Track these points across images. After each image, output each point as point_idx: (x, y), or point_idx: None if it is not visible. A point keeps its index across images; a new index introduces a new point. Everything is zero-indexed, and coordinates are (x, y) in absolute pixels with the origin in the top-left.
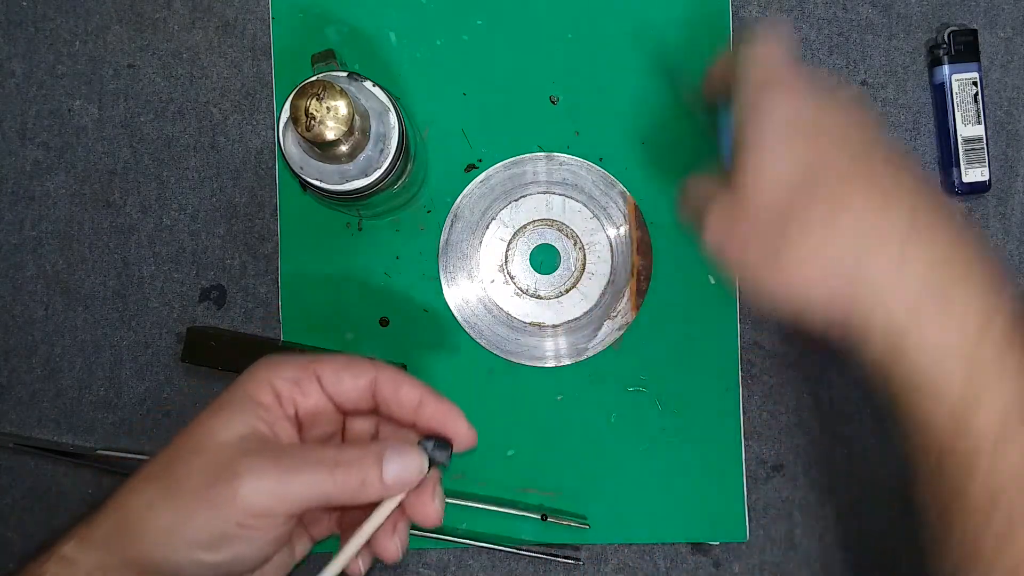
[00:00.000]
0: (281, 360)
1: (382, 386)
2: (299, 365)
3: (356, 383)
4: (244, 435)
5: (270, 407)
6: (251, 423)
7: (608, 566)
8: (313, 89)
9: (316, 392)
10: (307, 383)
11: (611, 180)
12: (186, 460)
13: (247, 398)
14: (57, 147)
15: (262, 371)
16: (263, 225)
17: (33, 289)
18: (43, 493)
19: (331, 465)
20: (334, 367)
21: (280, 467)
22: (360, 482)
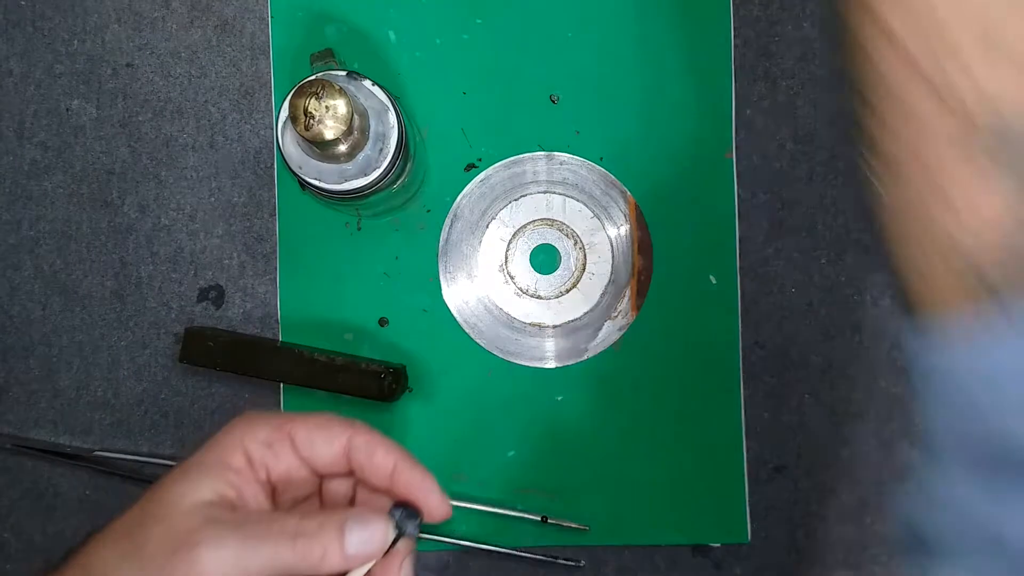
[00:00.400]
0: (256, 419)
1: (355, 451)
2: (273, 426)
3: (330, 447)
4: (210, 501)
5: (240, 471)
6: (218, 488)
7: (608, 568)
8: (312, 88)
9: (289, 455)
10: (280, 446)
11: (611, 180)
12: (149, 525)
13: (218, 461)
14: (55, 146)
15: (236, 431)
16: (262, 225)
17: (31, 289)
18: (41, 494)
19: (292, 536)
20: (307, 429)
21: (241, 537)
22: (321, 554)
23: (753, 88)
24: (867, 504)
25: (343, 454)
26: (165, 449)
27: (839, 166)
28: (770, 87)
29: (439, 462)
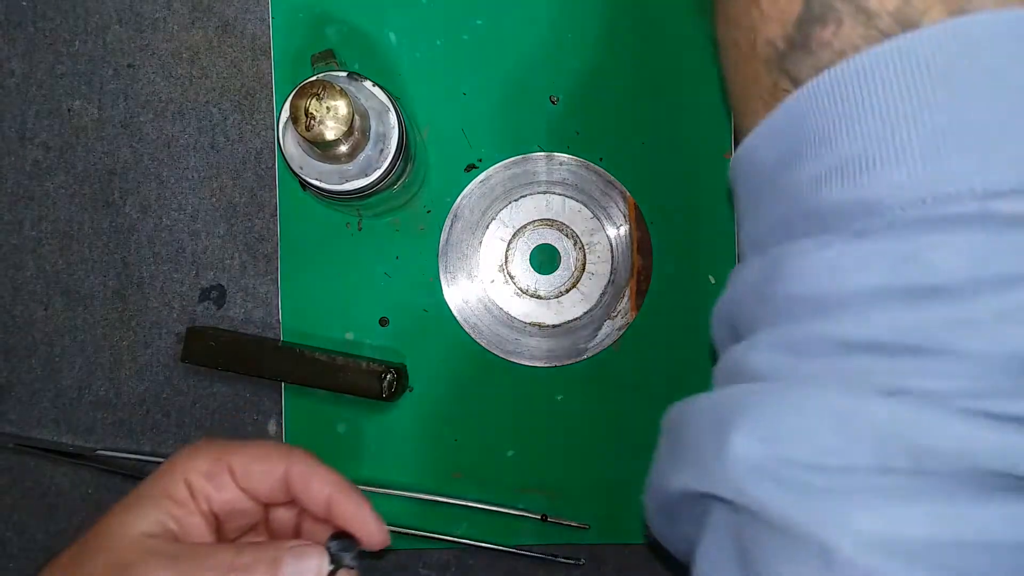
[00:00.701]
0: (198, 450)
1: (293, 480)
2: (212, 458)
3: (268, 478)
4: (151, 533)
5: (183, 502)
6: (161, 520)
7: (608, 566)
8: (313, 89)
9: (230, 486)
10: (220, 477)
11: (611, 180)
12: (93, 554)
13: (162, 493)
14: (57, 147)
15: (179, 463)
16: (263, 225)
17: (33, 289)
18: (43, 493)
19: (226, 570)
20: (245, 460)
21: (177, 571)
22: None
23: None
24: None
25: (282, 484)
26: (167, 448)
27: None
28: None
29: (439, 462)
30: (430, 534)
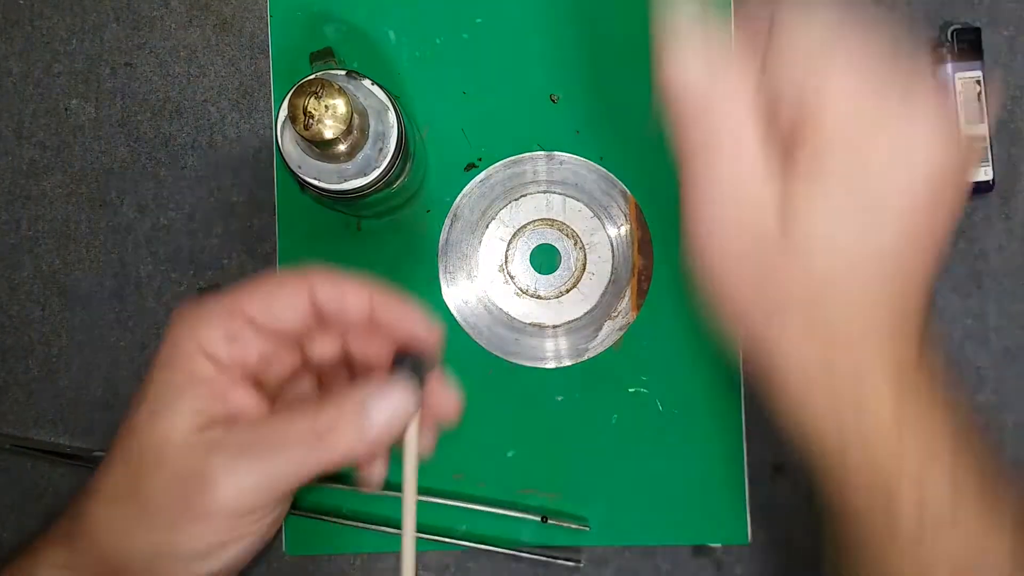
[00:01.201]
0: (199, 316)
1: (323, 303)
2: (222, 313)
3: (293, 310)
4: (201, 426)
5: (213, 379)
6: (202, 408)
7: (609, 568)
8: (311, 87)
9: (254, 337)
10: (241, 331)
11: (612, 179)
12: (150, 475)
13: (185, 379)
14: (54, 146)
15: (184, 339)
16: (261, 224)
17: (30, 289)
18: (40, 494)
19: (313, 440)
20: (261, 301)
21: (254, 457)
22: (348, 448)
23: None
24: None
25: (311, 311)
26: None
27: None
28: None
29: (439, 462)
30: (429, 535)
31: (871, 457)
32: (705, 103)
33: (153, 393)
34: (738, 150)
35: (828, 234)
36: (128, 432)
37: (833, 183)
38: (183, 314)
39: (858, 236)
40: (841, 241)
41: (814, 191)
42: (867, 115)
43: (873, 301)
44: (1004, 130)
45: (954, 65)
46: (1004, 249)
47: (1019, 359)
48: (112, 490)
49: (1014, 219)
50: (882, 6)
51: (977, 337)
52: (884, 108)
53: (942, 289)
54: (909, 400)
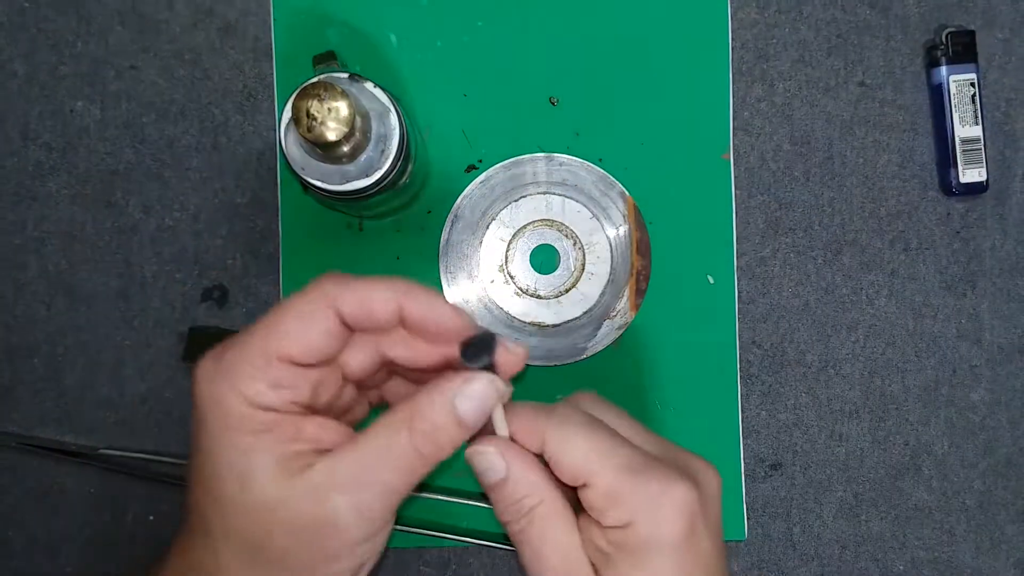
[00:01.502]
0: (235, 370)
1: (350, 316)
2: (257, 363)
3: (326, 335)
4: (292, 472)
5: (278, 424)
6: (283, 455)
7: None
8: (314, 90)
9: (298, 375)
10: (283, 375)
11: (611, 180)
12: (271, 539)
13: (253, 439)
14: (59, 148)
15: (231, 399)
16: (265, 225)
17: (36, 289)
18: (45, 492)
19: (415, 447)
20: (291, 335)
21: (368, 482)
22: (451, 443)
23: (750, 90)
24: (863, 501)
25: (341, 329)
26: (170, 447)
27: (835, 167)
28: (767, 89)
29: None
30: (431, 532)
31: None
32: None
33: (228, 464)
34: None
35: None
36: (223, 507)
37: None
38: (215, 372)
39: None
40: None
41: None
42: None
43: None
44: (999, 131)
45: (949, 68)
46: (998, 249)
47: (1013, 358)
48: (238, 562)
49: (1008, 219)
50: (876, 9)
51: (971, 336)
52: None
53: (937, 289)
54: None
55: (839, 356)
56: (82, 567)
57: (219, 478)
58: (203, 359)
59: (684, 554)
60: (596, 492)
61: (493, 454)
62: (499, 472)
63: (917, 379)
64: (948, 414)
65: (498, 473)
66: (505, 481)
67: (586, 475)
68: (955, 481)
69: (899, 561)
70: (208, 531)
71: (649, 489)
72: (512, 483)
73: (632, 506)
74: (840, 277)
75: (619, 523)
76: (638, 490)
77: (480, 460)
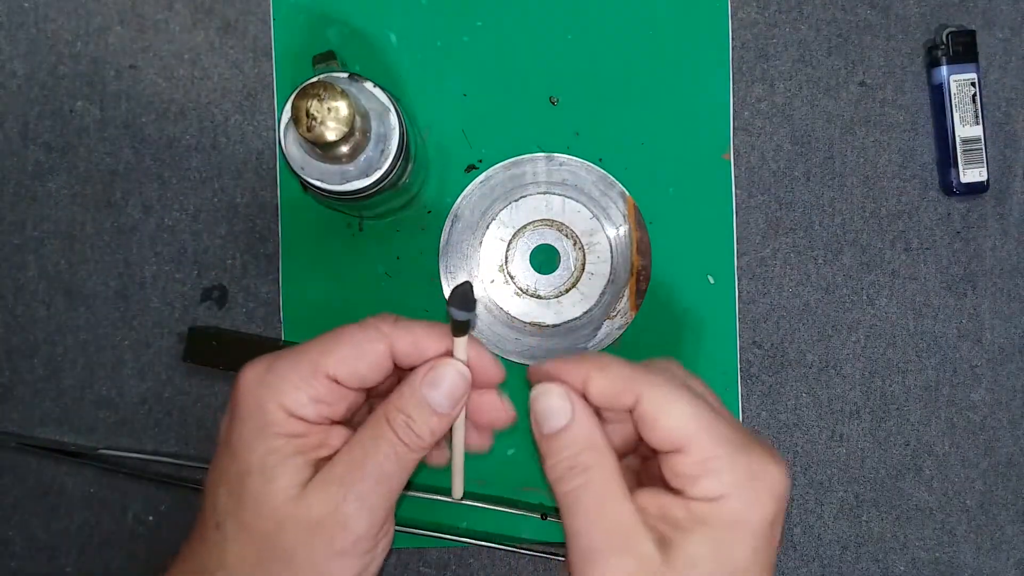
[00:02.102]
0: (281, 378)
1: (401, 356)
2: (306, 376)
3: (377, 369)
4: (310, 476)
5: (308, 433)
6: (307, 460)
7: None
8: (314, 90)
9: (339, 395)
10: (326, 393)
11: (611, 180)
12: (283, 535)
13: (284, 443)
14: (59, 148)
15: (271, 405)
16: (264, 225)
17: (35, 289)
18: (45, 492)
19: (396, 445)
20: (345, 362)
21: (366, 478)
22: (431, 431)
23: (751, 90)
24: (863, 501)
25: (391, 366)
26: (168, 447)
27: (835, 167)
28: (767, 89)
29: None
30: (430, 533)
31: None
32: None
33: (258, 463)
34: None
35: (706, 556)
36: (245, 503)
37: (707, 511)
38: (260, 377)
39: (730, 557)
40: (715, 565)
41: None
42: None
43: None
44: (999, 131)
45: (949, 68)
46: (998, 249)
47: (1013, 358)
48: (239, 561)
49: (1008, 219)
50: (876, 9)
51: (972, 336)
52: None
53: (937, 288)
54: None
55: (840, 356)
56: (82, 567)
57: (246, 474)
58: (253, 363)
59: (763, 540)
60: (691, 459)
61: (559, 396)
62: (563, 418)
63: (918, 379)
64: (949, 414)
65: (561, 419)
66: (567, 430)
67: (684, 440)
68: (956, 481)
69: (900, 561)
70: (220, 526)
71: (750, 466)
72: (574, 434)
73: (729, 480)
74: (840, 277)
75: (710, 495)
76: (738, 465)
77: (543, 402)
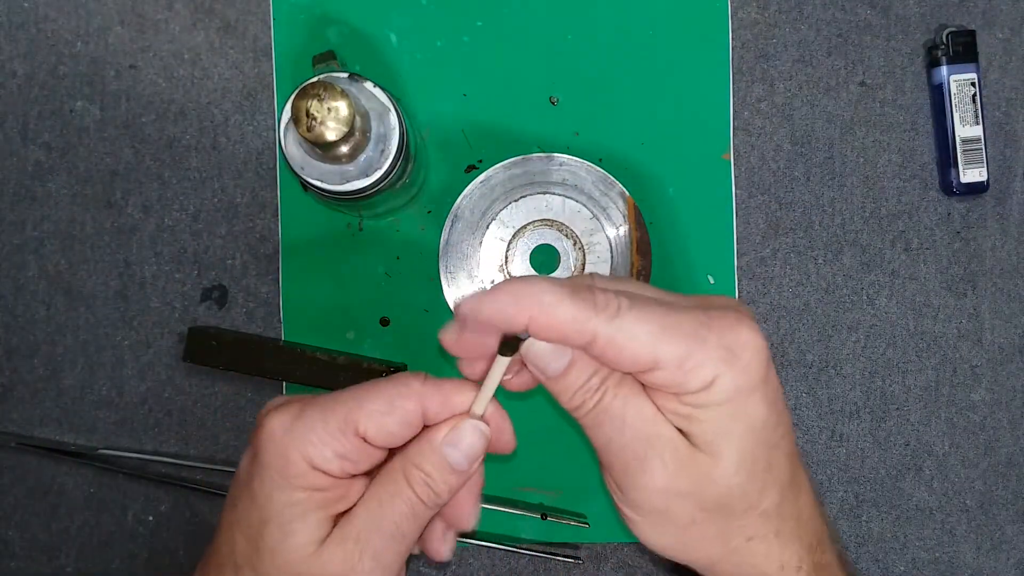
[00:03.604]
0: (307, 428)
1: (431, 414)
2: (334, 432)
3: (407, 428)
4: (330, 531)
5: (331, 487)
6: (327, 515)
7: (608, 564)
8: (314, 90)
9: (366, 453)
10: (353, 451)
11: (611, 180)
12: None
13: (306, 496)
14: (59, 148)
15: (295, 455)
16: (264, 225)
17: (35, 289)
18: (45, 492)
19: (413, 502)
20: (375, 419)
21: (381, 534)
22: (446, 490)
23: (751, 90)
24: (863, 501)
25: (420, 423)
26: (169, 447)
27: (835, 167)
28: (767, 89)
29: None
30: None
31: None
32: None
33: (277, 513)
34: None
35: (729, 428)
36: (263, 554)
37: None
38: (287, 425)
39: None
40: (741, 430)
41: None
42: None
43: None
44: (999, 131)
45: (949, 68)
46: (998, 249)
47: (1013, 358)
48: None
49: (1008, 220)
50: (876, 9)
51: (972, 336)
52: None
53: (937, 289)
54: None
55: (840, 356)
56: (82, 567)
57: (264, 524)
58: (281, 408)
59: (767, 387)
60: (669, 368)
61: (556, 346)
62: (563, 358)
63: (918, 379)
64: (949, 414)
65: (561, 359)
66: (572, 364)
67: (654, 355)
68: (956, 481)
69: (900, 561)
70: (239, 571)
71: (724, 342)
72: (579, 366)
73: (711, 367)
74: (840, 277)
75: (703, 384)
76: (711, 349)
77: (541, 350)
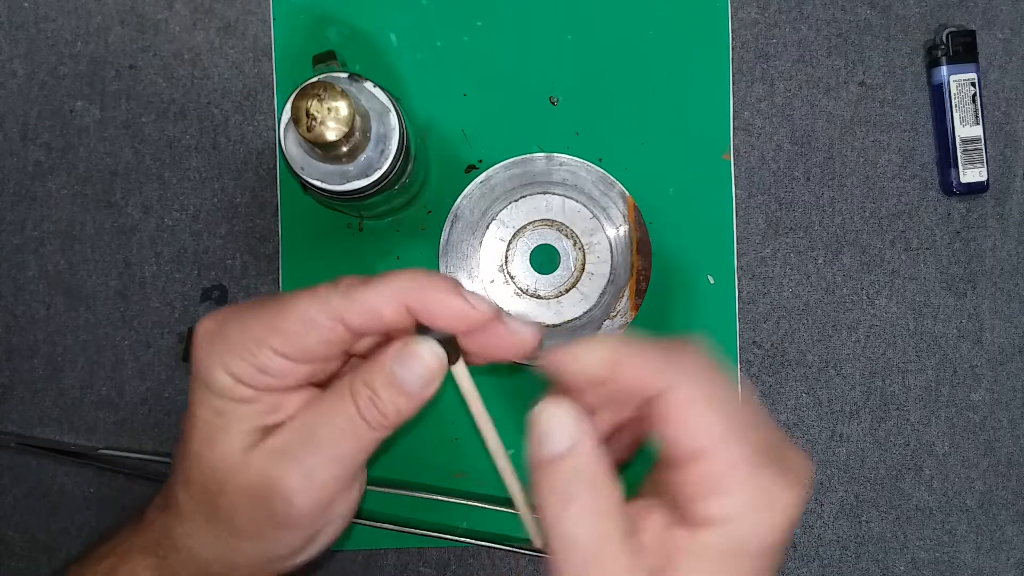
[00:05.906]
0: (225, 345)
1: (358, 325)
2: (250, 346)
3: (327, 345)
4: (255, 442)
5: (257, 398)
6: (253, 425)
7: None
8: (314, 90)
9: (289, 367)
10: (271, 364)
11: (611, 180)
12: (222, 496)
13: (228, 405)
14: (59, 148)
15: (217, 369)
16: (264, 225)
17: (35, 289)
18: (45, 492)
19: (356, 420)
20: (288, 337)
21: (315, 451)
22: (395, 413)
23: (751, 90)
24: (863, 501)
25: (347, 336)
26: (168, 447)
27: (835, 167)
28: (767, 89)
29: (440, 461)
30: (431, 533)
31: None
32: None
33: (203, 421)
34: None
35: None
36: (188, 458)
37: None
38: (211, 336)
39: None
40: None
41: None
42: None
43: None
44: (999, 132)
45: (949, 68)
46: (998, 249)
47: (1013, 358)
48: (189, 510)
49: (1008, 220)
50: (876, 9)
51: (972, 336)
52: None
53: (937, 289)
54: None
55: (839, 356)
56: None
57: (192, 432)
58: (210, 315)
59: (764, 562)
60: (707, 470)
61: (566, 415)
62: (561, 445)
63: (918, 379)
64: (949, 414)
65: (559, 446)
66: (564, 459)
67: (707, 447)
68: (956, 481)
69: (900, 562)
70: (175, 477)
71: (769, 487)
72: (573, 463)
73: (740, 502)
74: (840, 277)
75: (717, 517)
76: (755, 484)
77: (544, 421)
